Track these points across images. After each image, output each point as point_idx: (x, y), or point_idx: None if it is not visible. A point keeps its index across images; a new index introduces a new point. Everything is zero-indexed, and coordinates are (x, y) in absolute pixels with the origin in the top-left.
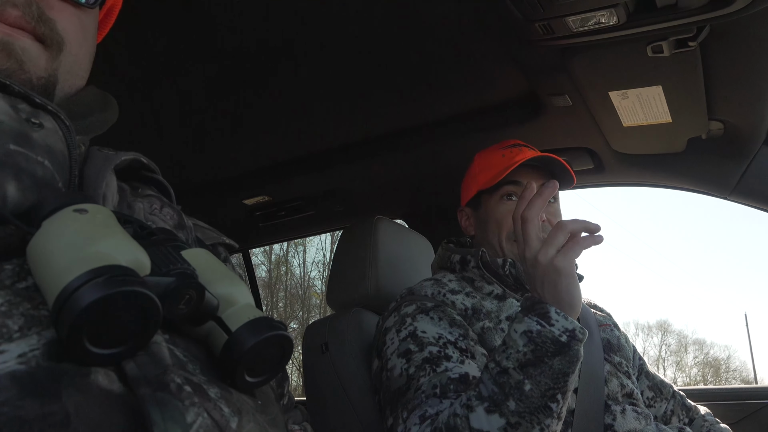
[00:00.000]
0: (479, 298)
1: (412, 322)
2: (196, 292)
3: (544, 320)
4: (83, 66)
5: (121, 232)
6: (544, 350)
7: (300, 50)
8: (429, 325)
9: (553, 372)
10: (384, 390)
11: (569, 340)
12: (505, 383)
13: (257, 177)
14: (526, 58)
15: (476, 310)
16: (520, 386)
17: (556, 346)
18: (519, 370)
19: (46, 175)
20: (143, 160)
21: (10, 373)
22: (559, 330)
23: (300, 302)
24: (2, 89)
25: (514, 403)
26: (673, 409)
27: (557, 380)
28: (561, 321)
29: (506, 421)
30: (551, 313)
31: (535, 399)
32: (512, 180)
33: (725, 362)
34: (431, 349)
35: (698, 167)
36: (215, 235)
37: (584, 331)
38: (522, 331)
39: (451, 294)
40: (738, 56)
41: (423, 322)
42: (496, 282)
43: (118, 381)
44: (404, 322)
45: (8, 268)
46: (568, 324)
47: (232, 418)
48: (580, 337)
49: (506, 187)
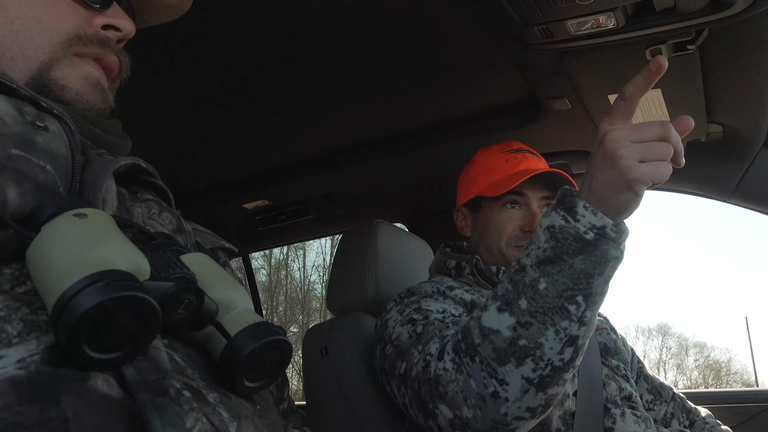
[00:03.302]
0: (478, 295)
1: (415, 303)
2: (195, 296)
3: (569, 215)
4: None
5: (120, 236)
6: (564, 247)
7: (299, 54)
8: (433, 303)
9: (573, 271)
10: (391, 357)
11: (596, 237)
12: (519, 281)
13: (257, 181)
14: (525, 62)
15: (475, 304)
16: (535, 284)
17: (578, 243)
18: (536, 267)
19: (48, 179)
20: (142, 164)
21: (9, 378)
22: (585, 226)
23: (300, 306)
24: (9, 92)
25: (525, 302)
26: (673, 412)
27: (578, 281)
28: (588, 216)
29: (516, 320)
30: (578, 207)
31: (550, 299)
32: (518, 191)
33: (726, 365)
34: (437, 316)
35: (698, 170)
36: (214, 240)
37: (619, 229)
38: (546, 225)
39: (449, 290)
40: (737, 59)
41: (427, 302)
42: (491, 288)
43: (117, 386)
44: (407, 306)
45: (7, 272)
46: (596, 220)
47: (231, 423)
48: (611, 235)
49: (510, 196)
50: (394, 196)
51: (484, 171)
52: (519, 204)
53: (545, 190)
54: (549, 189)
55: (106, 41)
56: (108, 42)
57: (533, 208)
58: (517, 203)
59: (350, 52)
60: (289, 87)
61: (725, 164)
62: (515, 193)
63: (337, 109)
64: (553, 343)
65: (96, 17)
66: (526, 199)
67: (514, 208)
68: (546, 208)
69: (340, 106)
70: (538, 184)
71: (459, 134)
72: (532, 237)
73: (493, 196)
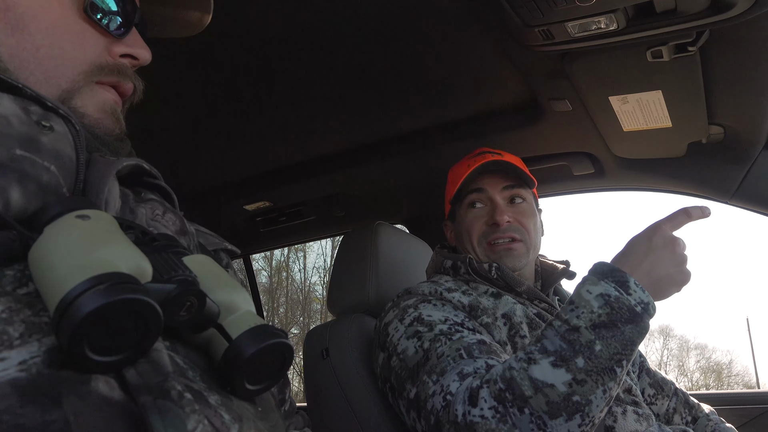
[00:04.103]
0: (476, 296)
1: (414, 310)
2: (197, 299)
3: (622, 288)
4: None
5: (123, 238)
6: (619, 315)
7: (300, 56)
8: (433, 310)
9: (624, 338)
10: (397, 372)
11: (643, 311)
12: (575, 341)
13: (258, 182)
14: (526, 64)
15: (474, 307)
16: (591, 345)
17: (631, 314)
18: (591, 329)
19: (52, 180)
20: (145, 166)
21: (11, 380)
22: (636, 300)
23: (301, 308)
24: (15, 92)
25: (582, 361)
26: (675, 407)
27: (626, 346)
28: (639, 293)
29: (573, 377)
30: (630, 283)
31: (604, 360)
32: (475, 188)
33: (727, 367)
34: (441, 327)
35: (698, 172)
36: (217, 241)
37: (656, 308)
38: (598, 293)
39: (447, 292)
40: (738, 61)
41: (426, 308)
42: (488, 284)
43: (119, 388)
44: (406, 311)
45: (9, 273)
46: (644, 297)
47: (233, 425)
48: (652, 312)
49: (470, 195)
50: (395, 197)
51: (451, 181)
52: (482, 201)
53: (505, 180)
54: (509, 179)
55: (124, 70)
56: (125, 71)
57: (495, 200)
58: (479, 201)
59: (351, 54)
60: (290, 89)
61: (726, 166)
62: (475, 191)
63: (338, 110)
64: (599, 401)
65: (115, 46)
66: (486, 195)
67: (477, 207)
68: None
69: (341, 107)
70: (497, 176)
71: (460, 136)
72: (573, 300)
73: (457, 200)
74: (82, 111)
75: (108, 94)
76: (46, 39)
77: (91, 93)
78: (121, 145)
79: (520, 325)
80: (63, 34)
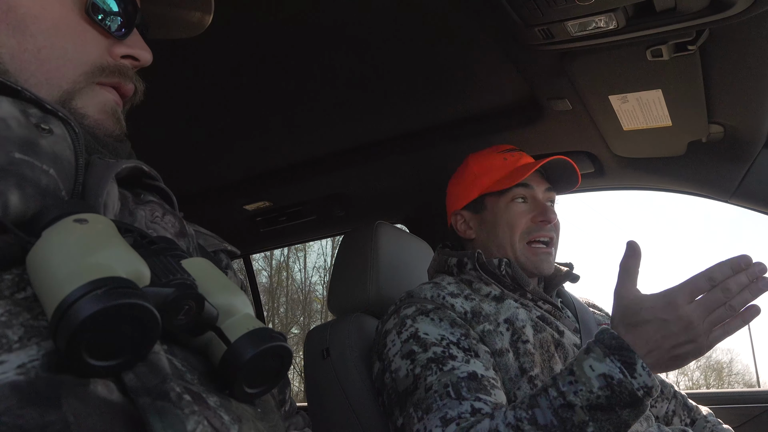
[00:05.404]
0: (478, 300)
1: (412, 323)
2: (195, 302)
3: (628, 370)
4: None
5: (121, 242)
6: (618, 400)
7: (299, 56)
8: (430, 326)
9: (619, 421)
10: (389, 391)
11: (645, 395)
12: (567, 419)
13: (258, 182)
14: (526, 63)
15: (475, 314)
16: (583, 427)
17: (631, 398)
18: (587, 410)
19: (50, 184)
20: (144, 168)
21: (10, 383)
22: (639, 384)
23: (301, 307)
24: (14, 94)
25: None
26: (674, 410)
27: (619, 428)
28: (644, 377)
29: None
30: (637, 366)
31: None
32: (524, 183)
33: (728, 366)
34: (435, 350)
35: (699, 170)
36: (217, 242)
37: (659, 389)
38: (601, 372)
39: (450, 297)
40: (737, 60)
41: (424, 323)
42: (493, 283)
43: (118, 391)
44: (404, 323)
45: (8, 278)
46: (649, 381)
47: (233, 426)
48: (654, 394)
49: (517, 189)
50: (395, 197)
51: (484, 171)
52: (525, 198)
53: (545, 182)
54: (547, 181)
55: (125, 71)
56: (126, 72)
57: (539, 198)
58: (523, 197)
59: (351, 53)
60: (290, 88)
61: (726, 164)
62: (522, 186)
63: (338, 110)
64: None
65: (116, 46)
66: (532, 192)
67: (521, 203)
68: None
69: (341, 107)
70: (538, 177)
71: (460, 135)
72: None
73: (500, 192)
74: (83, 112)
75: (109, 95)
76: (48, 40)
77: (92, 94)
78: (121, 146)
79: (523, 330)
80: (64, 35)
